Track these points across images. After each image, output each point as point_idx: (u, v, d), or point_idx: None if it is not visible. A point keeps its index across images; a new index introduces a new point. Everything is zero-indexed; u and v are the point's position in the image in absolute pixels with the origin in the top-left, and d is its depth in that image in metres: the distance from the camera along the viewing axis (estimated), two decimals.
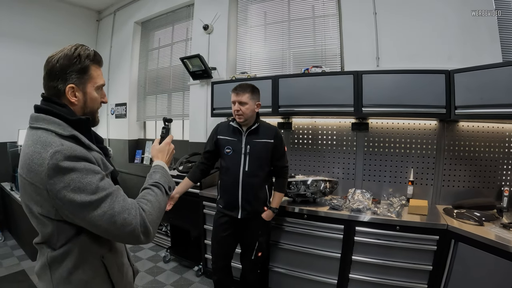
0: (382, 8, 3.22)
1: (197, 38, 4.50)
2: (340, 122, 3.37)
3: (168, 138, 1.51)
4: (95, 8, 6.28)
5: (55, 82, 1.12)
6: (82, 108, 1.19)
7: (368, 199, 2.87)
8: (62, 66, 1.10)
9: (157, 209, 1.18)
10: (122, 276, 1.28)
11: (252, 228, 2.64)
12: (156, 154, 1.45)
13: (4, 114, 4.94)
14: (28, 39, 5.31)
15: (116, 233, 1.05)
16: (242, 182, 2.58)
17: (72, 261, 1.09)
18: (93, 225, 1.02)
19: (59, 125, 1.07)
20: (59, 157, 0.98)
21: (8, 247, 4.38)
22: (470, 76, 2.50)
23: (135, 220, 1.05)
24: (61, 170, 0.98)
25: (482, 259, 2.10)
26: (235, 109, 2.55)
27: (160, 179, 1.29)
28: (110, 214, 1.02)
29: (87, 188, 1.00)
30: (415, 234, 2.46)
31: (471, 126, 2.90)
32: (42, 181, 0.98)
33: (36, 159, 1.00)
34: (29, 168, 1.02)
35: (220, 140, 2.69)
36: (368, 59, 3.27)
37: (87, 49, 1.17)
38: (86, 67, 1.15)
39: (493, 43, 2.79)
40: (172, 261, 4.03)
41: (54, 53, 1.13)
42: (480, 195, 2.86)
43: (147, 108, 5.65)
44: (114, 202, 1.04)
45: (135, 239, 1.07)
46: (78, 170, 1.00)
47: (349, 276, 2.71)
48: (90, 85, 1.19)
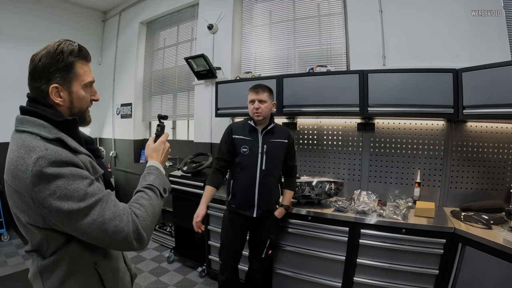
0: (388, 6, 3.17)
1: (201, 38, 4.49)
2: (346, 122, 3.32)
3: (163, 137, 1.41)
4: (100, 8, 6.30)
5: (38, 82, 1.06)
6: (69, 109, 1.12)
7: (373, 201, 2.82)
8: (44, 65, 1.04)
9: (151, 214, 1.12)
10: (117, 282, 1.24)
11: (265, 226, 2.69)
12: (150, 154, 1.36)
13: (10, 114, 4.85)
14: (34, 40, 5.27)
15: (108, 241, 1.00)
16: (259, 180, 2.61)
17: (63, 270, 1.05)
18: (83, 233, 0.98)
19: (44, 127, 1.02)
20: (42, 163, 0.92)
21: (13, 246, 4.41)
22: (478, 75, 2.44)
23: (127, 227, 1.01)
24: (46, 177, 0.92)
25: (490, 263, 2.05)
26: (255, 107, 2.58)
27: (155, 181, 1.22)
28: (100, 222, 0.97)
29: (74, 195, 0.94)
30: (422, 237, 2.41)
31: (479, 127, 2.84)
32: (27, 188, 0.93)
33: (20, 165, 0.94)
34: (13, 175, 0.96)
35: (236, 140, 2.69)
36: (374, 58, 3.22)
37: (70, 44, 1.10)
38: (70, 64, 1.07)
39: (502, 40, 2.73)
40: (176, 262, 4.02)
41: (38, 51, 1.07)
42: (489, 197, 2.79)
43: (153, 108, 5.65)
44: (104, 208, 0.99)
45: (128, 246, 1.03)
46: (64, 176, 0.95)
47: (353, 279, 2.67)
48: (77, 84, 1.11)
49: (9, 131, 1.06)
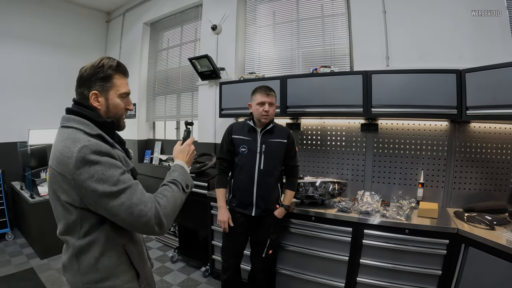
0: (391, 7, 3.17)
1: (205, 39, 4.51)
2: (349, 123, 3.33)
3: (189, 140, 1.60)
4: (104, 9, 6.34)
5: (82, 88, 1.28)
6: (106, 113, 1.31)
7: (377, 202, 2.83)
8: (88, 75, 1.26)
9: (172, 204, 1.27)
10: (143, 264, 1.40)
11: (265, 225, 2.70)
12: (177, 155, 1.54)
13: (15, 114, 5.01)
14: (38, 41, 5.38)
15: (133, 223, 1.15)
16: (258, 180, 2.63)
17: (98, 249, 1.21)
18: (112, 213, 1.14)
19: (87, 125, 1.21)
20: (86, 151, 1.11)
21: (18, 245, 4.44)
22: (482, 75, 2.43)
23: (150, 212, 1.16)
24: (87, 162, 1.11)
25: (493, 264, 2.05)
26: (265, 110, 2.58)
27: (178, 177, 1.38)
28: (128, 205, 1.13)
29: (109, 180, 1.12)
30: (425, 237, 2.41)
31: (483, 127, 2.84)
32: (70, 171, 1.11)
33: (66, 153, 1.13)
34: (59, 161, 1.15)
35: (235, 139, 2.71)
36: (377, 58, 3.22)
37: (111, 60, 1.31)
38: (108, 76, 1.28)
39: (506, 41, 2.72)
40: (180, 262, 4.03)
41: (85, 65, 1.29)
42: (492, 198, 2.78)
43: (156, 108, 5.68)
44: (133, 194, 1.15)
45: (150, 229, 1.17)
46: (102, 163, 1.13)
47: (356, 280, 2.68)
48: (113, 92, 1.31)
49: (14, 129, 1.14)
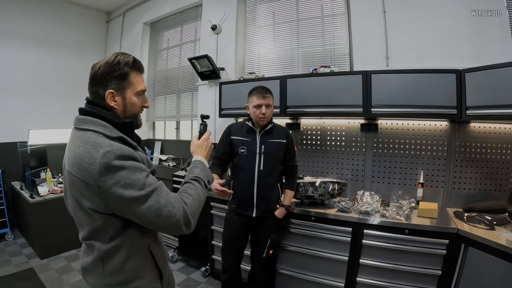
0: (391, 7, 3.17)
1: (205, 39, 4.51)
2: (349, 122, 3.33)
3: (206, 134, 1.58)
4: (104, 9, 6.34)
5: (96, 87, 1.21)
6: (123, 112, 1.26)
7: (377, 202, 2.83)
8: (102, 73, 1.19)
9: (197, 202, 1.26)
10: (166, 263, 1.39)
11: (265, 225, 2.69)
12: (195, 150, 1.53)
13: (15, 114, 5.00)
14: (38, 41, 5.38)
15: (162, 225, 1.14)
16: (257, 181, 2.62)
17: (125, 252, 1.19)
18: (141, 217, 1.12)
19: (105, 127, 1.16)
20: (110, 156, 1.07)
21: (18, 245, 4.44)
22: (482, 75, 2.43)
23: (178, 212, 1.14)
24: (112, 168, 1.07)
25: (492, 264, 2.05)
26: (262, 113, 2.57)
27: (200, 174, 1.37)
28: (156, 208, 1.11)
29: (135, 184, 1.09)
30: (425, 237, 2.41)
31: (482, 127, 2.84)
32: (93, 178, 1.06)
33: (87, 159, 1.08)
34: (79, 167, 1.10)
35: (234, 141, 2.70)
36: (377, 58, 3.22)
37: (126, 57, 1.24)
38: (125, 74, 1.22)
39: (506, 41, 2.72)
40: (180, 261, 4.03)
41: (98, 61, 1.22)
42: (492, 198, 2.78)
43: (156, 108, 5.68)
44: (159, 196, 1.13)
45: (178, 229, 1.16)
46: (127, 168, 1.09)
47: (356, 280, 2.68)
48: (130, 91, 1.26)
49: (14, 129, 1.10)
